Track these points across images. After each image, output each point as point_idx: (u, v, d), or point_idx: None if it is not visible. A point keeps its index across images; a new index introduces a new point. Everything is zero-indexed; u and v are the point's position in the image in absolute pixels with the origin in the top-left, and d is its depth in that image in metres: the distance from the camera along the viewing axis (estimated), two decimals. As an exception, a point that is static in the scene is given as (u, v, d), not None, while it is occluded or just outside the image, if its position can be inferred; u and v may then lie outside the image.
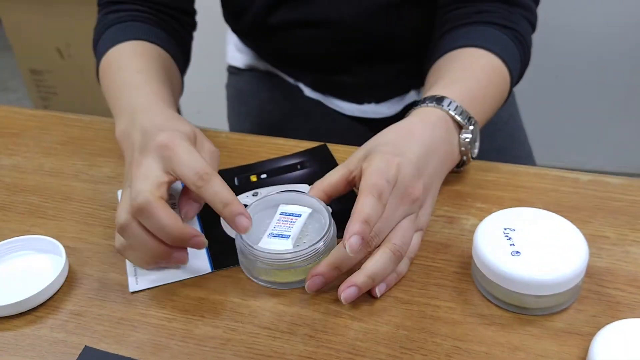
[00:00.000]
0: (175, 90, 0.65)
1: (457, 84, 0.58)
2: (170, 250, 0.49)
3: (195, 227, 0.55)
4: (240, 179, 0.60)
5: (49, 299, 0.50)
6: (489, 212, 0.50)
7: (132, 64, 0.62)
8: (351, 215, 0.45)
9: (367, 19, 0.73)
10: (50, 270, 0.51)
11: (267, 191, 0.57)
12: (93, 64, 0.63)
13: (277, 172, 0.60)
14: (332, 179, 0.51)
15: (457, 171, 0.59)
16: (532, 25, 0.68)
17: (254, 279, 0.50)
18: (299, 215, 0.50)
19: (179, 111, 0.62)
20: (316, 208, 0.51)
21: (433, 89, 0.57)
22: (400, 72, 0.79)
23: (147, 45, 0.65)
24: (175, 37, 0.70)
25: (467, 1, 0.66)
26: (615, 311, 0.46)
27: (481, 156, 0.59)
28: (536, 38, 0.68)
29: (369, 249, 0.47)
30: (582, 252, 0.45)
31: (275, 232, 0.49)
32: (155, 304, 0.49)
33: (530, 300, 0.45)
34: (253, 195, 0.57)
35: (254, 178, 0.60)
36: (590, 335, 0.43)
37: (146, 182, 0.47)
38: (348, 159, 0.52)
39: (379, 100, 0.83)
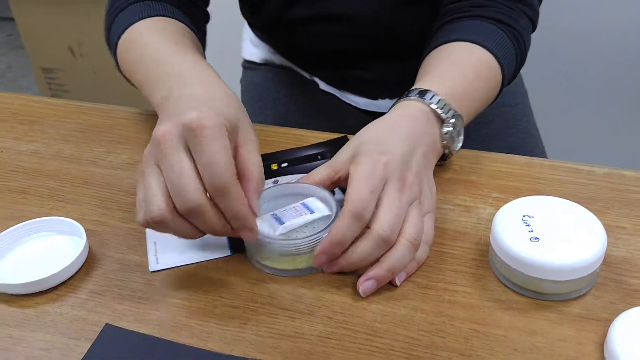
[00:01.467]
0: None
1: (443, 77, 0.58)
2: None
3: None
4: None
5: (69, 279, 0.50)
6: (506, 202, 0.50)
7: (163, 36, 0.59)
8: (329, 232, 0.46)
9: (384, 15, 0.73)
10: (70, 250, 0.52)
11: (287, 180, 0.57)
12: (104, 63, 0.63)
13: (298, 161, 0.61)
14: (316, 178, 0.52)
15: (442, 164, 0.59)
16: (533, 23, 0.68)
17: (259, 266, 0.50)
18: (313, 212, 0.50)
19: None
20: (323, 197, 0.51)
21: (419, 82, 0.58)
22: (414, 68, 0.80)
23: (172, 21, 0.63)
24: (195, 23, 0.69)
25: None
26: (633, 298, 0.46)
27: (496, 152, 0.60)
28: (547, 42, 0.69)
29: (387, 247, 0.47)
30: (601, 238, 0.46)
31: (278, 214, 0.50)
32: (174, 285, 0.49)
33: (548, 285, 0.45)
34: (273, 182, 0.58)
35: (274, 166, 0.60)
36: (608, 321, 0.43)
37: (184, 177, 0.43)
38: (333, 158, 0.52)
39: (392, 95, 0.83)
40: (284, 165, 0.61)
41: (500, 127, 0.82)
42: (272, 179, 0.58)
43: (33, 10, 1.80)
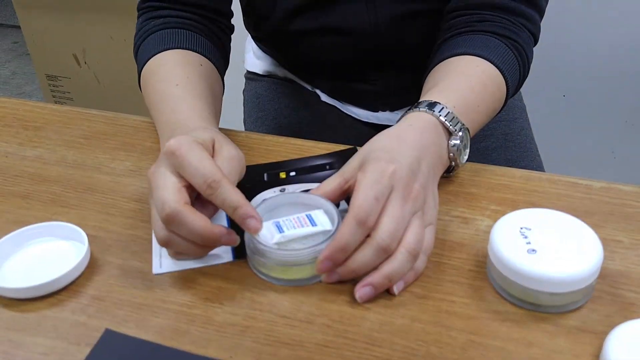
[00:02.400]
0: (217, 95, 0.67)
1: (451, 90, 0.59)
2: (210, 248, 0.51)
3: (222, 219, 0.56)
4: (269, 175, 0.61)
5: (70, 284, 0.50)
6: (504, 214, 0.51)
7: (172, 75, 0.64)
8: (334, 237, 0.47)
9: (385, 28, 0.74)
10: (72, 255, 0.52)
11: (294, 188, 0.58)
12: (108, 71, 0.65)
13: (306, 170, 0.62)
14: (327, 188, 0.52)
15: (448, 176, 0.60)
16: (534, 37, 0.69)
17: (257, 272, 0.51)
18: (315, 225, 0.50)
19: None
20: (329, 211, 0.51)
21: (427, 94, 0.59)
22: (415, 81, 0.81)
23: (189, 55, 0.67)
24: (216, 42, 0.71)
25: (470, 9, 0.67)
26: (629, 312, 0.47)
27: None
28: (545, 57, 0.70)
29: (386, 255, 0.48)
30: (597, 251, 0.46)
31: (279, 222, 0.50)
32: (175, 291, 0.50)
33: (544, 297, 0.46)
34: (280, 191, 0.58)
35: (282, 175, 0.61)
36: (604, 334, 0.44)
37: (166, 191, 0.48)
38: (343, 167, 0.53)
39: (393, 108, 0.84)
40: (292, 174, 0.61)
41: (498, 141, 0.83)
42: (279, 187, 0.59)
43: (39, 18, 1.81)
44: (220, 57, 0.72)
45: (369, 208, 0.47)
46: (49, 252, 0.53)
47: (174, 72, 0.64)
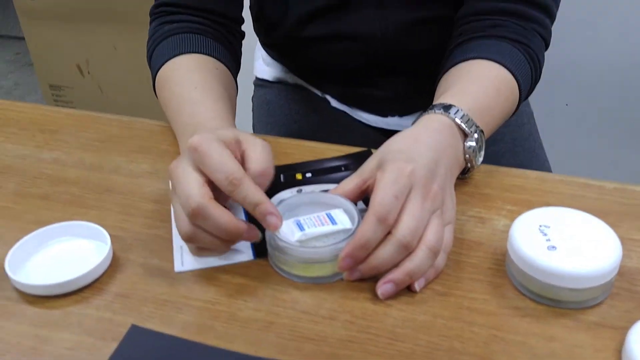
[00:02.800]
0: (232, 97, 0.68)
1: (465, 93, 0.60)
2: (232, 243, 0.52)
3: (241, 216, 0.57)
4: (286, 176, 0.62)
5: (94, 281, 0.51)
6: (519, 214, 0.51)
7: (189, 79, 0.65)
8: (355, 235, 0.48)
9: (396, 34, 0.75)
10: (94, 254, 0.53)
11: (311, 189, 0.58)
12: (111, 80, 0.66)
13: (322, 172, 0.62)
14: (346, 188, 0.53)
15: (463, 178, 0.61)
16: (546, 42, 0.70)
17: (278, 270, 0.51)
18: (335, 224, 0.51)
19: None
20: (349, 210, 0.52)
21: (441, 97, 0.60)
22: (425, 86, 0.82)
23: (203, 59, 0.68)
24: (228, 47, 0.73)
25: (482, 14, 0.69)
26: (647, 307, 0.47)
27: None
28: (548, 66, 0.71)
29: (407, 252, 0.48)
30: (616, 247, 0.47)
31: (300, 220, 0.51)
32: (198, 288, 0.50)
33: (564, 293, 0.47)
34: (297, 192, 0.59)
35: (299, 176, 0.62)
36: (625, 329, 0.44)
37: (190, 185, 0.49)
38: (361, 168, 0.54)
39: (402, 113, 0.85)
40: (308, 175, 0.62)
41: (508, 146, 0.84)
42: (296, 188, 0.60)
43: (43, 28, 1.82)
44: (232, 60, 0.73)
45: (389, 206, 0.48)
46: (71, 251, 0.54)
47: (191, 76, 0.65)
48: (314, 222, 0.51)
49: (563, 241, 0.48)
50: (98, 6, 1.71)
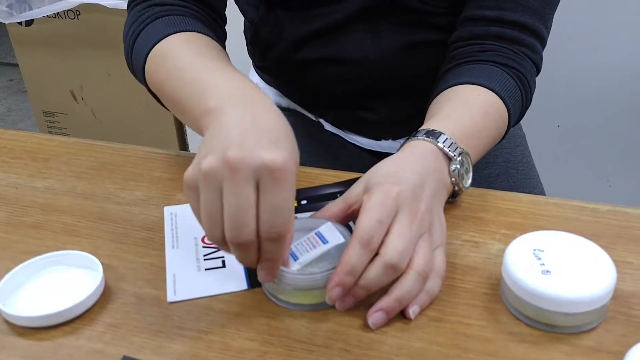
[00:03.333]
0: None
1: (451, 119, 0.61)
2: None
3: None
4: None
5: (85, 312, 0.50)
6: (514, 238, 0.51)
7: (196, 50, 0.59)
8: (339, 263, 0.47)
9: (390, 58, 0.76)
10: (86, 284, 0.52)
11: (305, 216, 0.58)
12: (105, 107, 0.63)
13: (317, 199, 0.62)
14: (330, 213, 0.53)
15: (453, 201, 0.61)
16: (537, 66, 0.71)
17: (274, 299, 0.51)
18: (327, 242, 0.51)
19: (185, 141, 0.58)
20: (338, 235, 0.51)
21: (427, 123, 0.61)
22: (419, 110, 0.82)
23: (202, 36, 0.63)
24: (220, 38, 0.69)
25: (473, 39, 0.69)
26: (643, 331, 0.47)
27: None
28: (539, 87, 0.71)
29: (396, 274, 0.48)
30: (610, 271, 0.47)
31: (292, 249, 0.50)
32: (191, 318, 0.49)
33: (560, 318, 0.46)
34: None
35: (294, 204, 0.61)
36: (621, 354, 0.44)
37: (247, 214, 0.43)
38: (347, 192, 0.54)
39: (396, 136, 0.86)
40: (303, 202, 0.62)
41: (501, 169, 0.84)
42: None
43: (37, 55, 1.83)
44: (222, 43, 0.68)
45: (373, 230, 0.48)
46: (62, 281, 0.53)
47: (194, 48, 0.60)
48: (306, 247, 0.50)
49: (557, 265, 0.47)
50: (92, 33, 1.73)
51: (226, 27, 0.78)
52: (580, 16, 1.38)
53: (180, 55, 0.59)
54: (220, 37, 0.71)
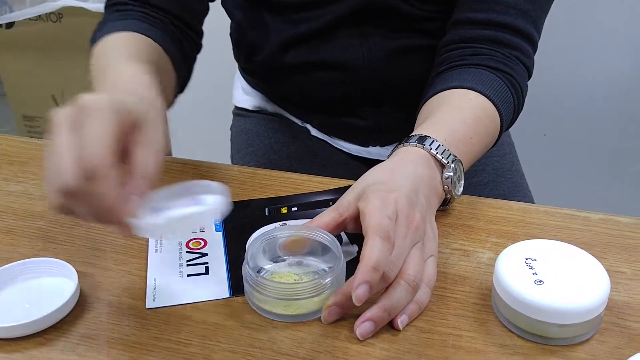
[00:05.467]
0: (165, 84, 0.59)
1: (442, 124, 0.59)
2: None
3: (220, 251, 0.54)
4: (270, 209, 0.60)
5: (59, 322, 0.48)
6: (504, 247, 0.50)
7: (118, 51, 0.59)
8: (361, 259, 0.45)
9: (379, 63, 0.75)
10: (61, 292, 0.50)
11: (295, 223, 0.56)
12: None
13: (308, 206, 0.61)
14: (321, 222, 0.51)
15: (444, 209, 0.59)
16: (529, 70, 0.70)
17: (257, 309, 0.49)
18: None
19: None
20: (328, 242, 0.50)
21: (419, 128, 0.59)
22: (407, 116, 0.81)
23: (141, 38, 0.62)
24: (178, 45, 0.68)
25: (464, 42, 0.68)
26: (638, 343, 0.46)
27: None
28: (530, 96, 0.70)
29: (385, 284, 0.47)
30: (604, 281, 0.46)
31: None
32: (170, 329, 0.47)
33: (553, 329, 0.45)
34: (281, 225, 0.57)
35: (284, 210, 0.60)
36: (615, 367, 0.43)
37: (61, 158, 0.40)
38: (337, 202, 0.52)
39: (383, 143, 0.84)
40: (294, 209, 0.60)
41: (490, 176, 0.83)
42: (281, 222, 0.58)
43: (18, 59, 1.80)
44: (179, 57, 0.67)
45: (387, 225, 0.46)
46: (36, 290, 0.51)
47: (122, 48, 0.60)
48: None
49: (550, 275, 0.46)
50: (74, 36, 1.70)
51: (214, 30, 0.76)
52: (568, 26, 1.38)
53: (102, 55, 0.59)
54: (179, 45, 0.69)
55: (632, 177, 1.53)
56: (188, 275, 0.52)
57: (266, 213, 0.59)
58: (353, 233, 0.52)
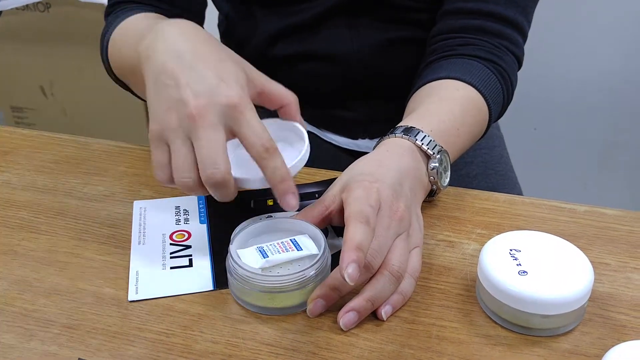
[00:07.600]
0: None
1: (429, 115, 0.59)
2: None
3: (204, 243, 0.54)
4: (256, 202, 0.59)
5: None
6: (489, 238, 0.50)
7: (145, 20, 0.62)
8: (343, 244, 0.45)
9: (369, 55, 0.74)
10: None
11: (282, 215, 0.56)
12: (75, 103, 0.61)
13: None
14: (307, 216, 0.51)
15: (430, 200, 0.59)
16: (519, 61, 0.69)
17: (240, 302, 0.48)
18: (300, 249, 0.48)
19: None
20: (315, 236, 0.50)
21: (405, 119, 0.59)
22: (397, 109, 0.81)
23: (154, 14, 0.65)
24: None
25: (453, 32, 0.68)
26: (620, 334, 0.46)
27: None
28: (516, 90, 0.70)
29: (369, 274, 0.47)
30: (588, 273, 0.46)
31: (263, 247, 0.48)
32: (152, 319, 0.47)
33: (536, 320, 0.45)
34: (267, 218, 0.56)
35: (270, 202, 0.59)
36: (597, 357, 0.43)
37: (219, 152, 0.46)
38: (323, 195, 0.52)
39: (373, 135, 0.84)
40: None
41: (479, 169, 0.83)
42: (266, 215, 0.57)
43: (4, 48, 1.78)
44: None
45: (367, 210, 0.46)
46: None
47: (151, 18, 0.63)
48: (278, 249, 0.48)
49: (534, 266, 0.46)
50: (62, 27, 1.68)
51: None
52: (558, 20, 1.38)
53: (128, 27, 0.62)
54: None
55: (622, 171, 1.54)
56: (171, 268, 0.52)
57: (252, 205, 0.59)
58: (339, 226, 0.51)
